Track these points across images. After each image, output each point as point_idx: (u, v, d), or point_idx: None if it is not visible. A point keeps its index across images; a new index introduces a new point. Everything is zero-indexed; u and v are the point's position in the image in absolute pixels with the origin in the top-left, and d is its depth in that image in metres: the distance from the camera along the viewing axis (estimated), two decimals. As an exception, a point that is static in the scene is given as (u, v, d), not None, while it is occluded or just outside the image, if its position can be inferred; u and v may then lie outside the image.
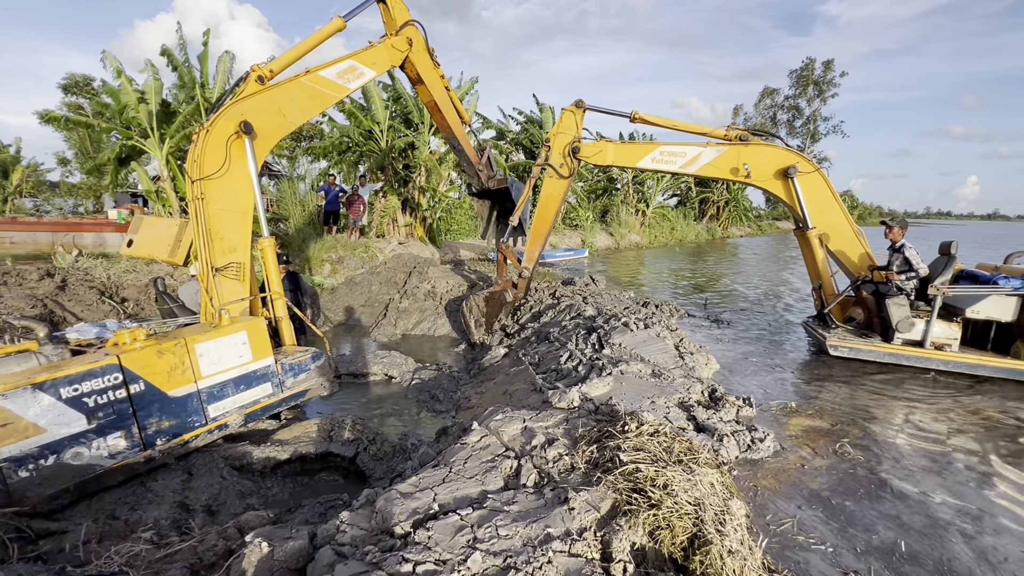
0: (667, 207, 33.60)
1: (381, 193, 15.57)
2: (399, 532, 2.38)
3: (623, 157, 7.36)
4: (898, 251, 6.21)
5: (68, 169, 22.31)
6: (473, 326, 7.95)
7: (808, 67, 48.37)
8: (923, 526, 3.20)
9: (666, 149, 7.10)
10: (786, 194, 6.91)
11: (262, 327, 4.46)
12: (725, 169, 6.97)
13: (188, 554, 2.65)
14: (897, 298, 6.02)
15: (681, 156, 7.06)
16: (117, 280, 9.16)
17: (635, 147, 7.40)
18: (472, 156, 7.81)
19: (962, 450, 4.25)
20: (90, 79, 19.52)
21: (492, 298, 7.91)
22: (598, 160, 7.32)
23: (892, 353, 6.08)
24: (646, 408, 4.10)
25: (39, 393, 3.07)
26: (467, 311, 7.97)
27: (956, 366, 5.91)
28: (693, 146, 7.06)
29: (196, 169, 4.36)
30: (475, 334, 7.97)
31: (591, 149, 7.27)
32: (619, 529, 2.38)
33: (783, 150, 6.91)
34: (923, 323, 5.97)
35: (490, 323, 7.99)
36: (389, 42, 5.84)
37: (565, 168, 7.40)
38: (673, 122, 7.39)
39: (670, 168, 7.18)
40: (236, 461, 3.99)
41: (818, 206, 6.84)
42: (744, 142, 6.91)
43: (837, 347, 6.26)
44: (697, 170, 7.11)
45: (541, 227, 7.73)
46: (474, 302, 7.97)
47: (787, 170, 6.70)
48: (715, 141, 7.10)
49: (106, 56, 10.78)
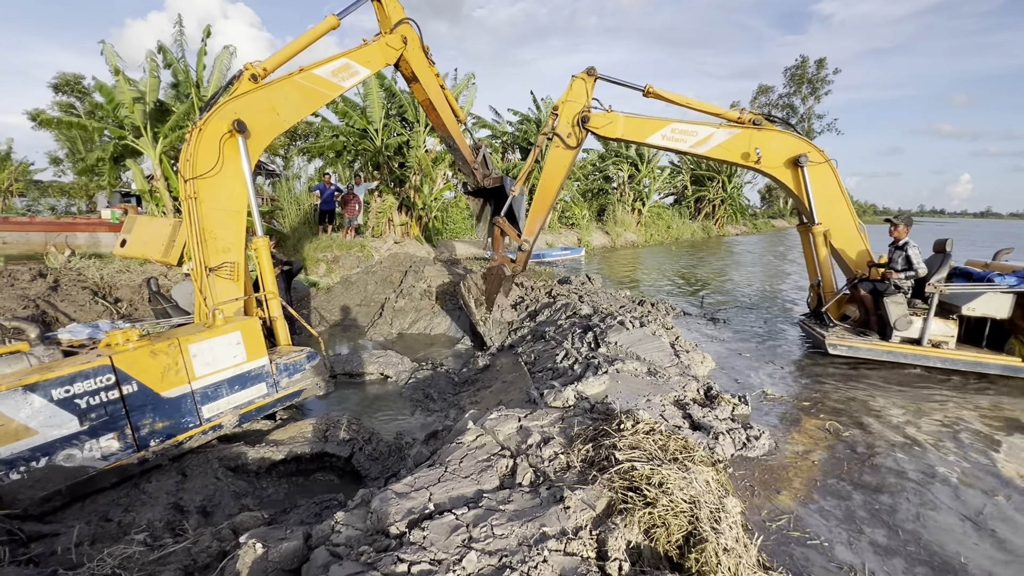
0: (663, 206, 33.66)
1: (377, 192, 15.53)
2: (394, 532, 2.37)
3: (633, 131, 7.03)
4: (900, 248, 6.19)
5: (60, 169, 22.15)
6: (473, 306, 7.62)
7: (802, 65, 48.59)
8: (919, 522, 3.22)
9: (678, 127, 6.87)
10: (794, 184, 6.81)
11: (256, 327, 4.44)
12: (736, 152, 6.81)
13: (182, 556, 2.63)
14: (895, 296, 6.03)
15: (692, 135, 6.85)
16: (110, 280, 9.09)
17: (646, 122, 7.02)
18: (468, 154, 7.77)
19: (958, 445, 4.28)
20: (81, 78, 19.37)
21: (490, 274, 7.54)
22: (607, 132, 7.00)
23: (890, 351, 6.10)
24: (642, 406, 4.11)
25: (30, 395, 3.04)
26: (465, 291, 7.65)
27: (954, 363, 5.94)
28: (706, 126, 6.87)
29: (189, 168, 4.33)
30: (476, 313, 7.61)
31: (601, 120, 6.93)
32: (615, 528, 2.38)
33: (795, 137, 6.81)
34: (920, 321, 5.99)
35: (490, 300, 7.64)
36: (383, 40, 5.81)
37: (573, 138, 7.02)
38: (687, 100, 7.11)
39: (680, 147, 6.98)
40: (231, 462, 3.97)
41: (824, 199, 6.76)
42: (757, 126, 6.75)
43: (836, 345, 6.26)
44: (707, 151, 6.91)
45: (544, 198, 7.34)
46: (472, 281, 7.65)
47: (798, 158, 6.60)
48: (727, 123, 6.93)
49: (105, 50, 10.57)
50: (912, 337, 6.06)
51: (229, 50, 11.65)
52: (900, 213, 6.73)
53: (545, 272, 12.17)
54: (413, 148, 14.56)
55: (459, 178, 15.38)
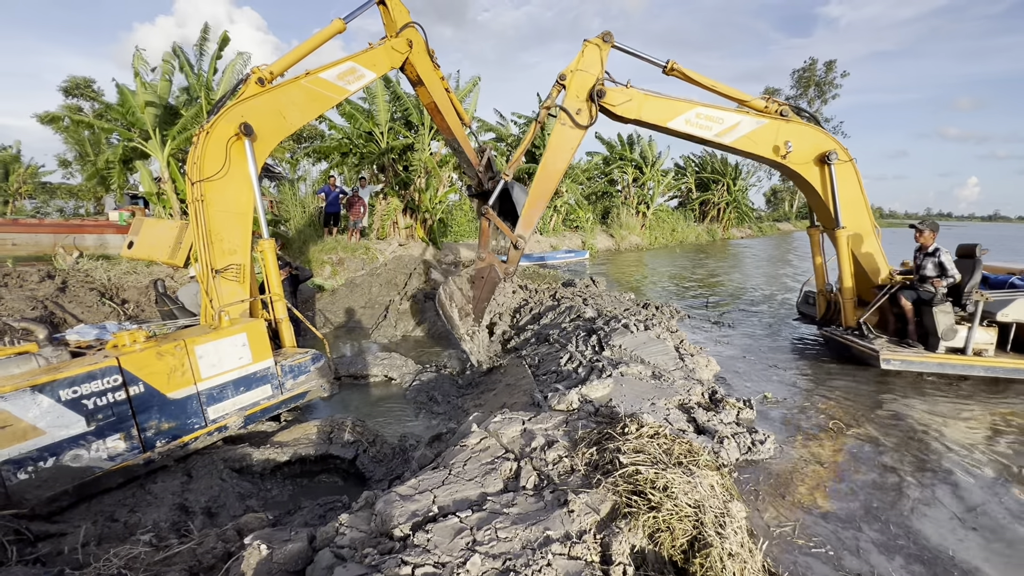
0: (667, 209, 33.60)
1: (381, 195, 15.58)
2: (398, 534, 2.37)
3: (654, 112, 6.05)
4: (931, 255, 5.94)
5: (69, 171, 22.36)
6: (457, 318, 6.18)
7: (811, 67, 48.43)
8: (927, 528, 3.19)
9: (703, 111, 6.07)
10: (820, 183, 6.35)
11: (262, 329, 4.46)
12: (763, 144, 6.19)
13: (187, 556, 2.64)
14: (943, 305, 5.73)
15: (718, 122, 6.10)
16: (118, 282, 9.17)
17: (670, 103, 6.08)
18: (472, 158, 7.78)
19: (970, 450, 4.24)
20: (91, 81, 19.57)
21: (479, 277, 6.25)
22: (624, 111, 5.97)
23: (941, 363, 5.77)
24: (646, 410, 4.10)
25: (39, 395, 3.07)
26: (446, 298, 6.22)
27: (1006, 372, 5.73)
28: (732, 113, 6.15)
29: (196, 171, 4.37)
30: (461, 328, 6.14)
31: (619, 96, 5.89)
32: (619, 532, 2.37)
33: (824, 133, 6.33)
34: (965, 330, 5.72)
35: (479, 310, 6.43)
36: (389, 44, 5.84)
37: (583, 115, 5.92)
38: (712, 82, 6.28)
39: (704, 134, 6.16)
40: (236, 463, 3.98)
41: (847, 201, 6.36)
42: (784, 118, 6.19)
43: (890, 360, 5.78)
44: (733, 141, 6.18)
45: (545, 185, 6.20)
46: (454, 286, 6.31)
47: (827, 156, 6.14)
48: (754, 112, 6.29)
49: (135, 57, 10.68)
50: (957, 346, 5.78)
51: (243, 57, 11.77)
52: (925, 218, 6.37)
53: (549, 275, 12.17)
54: (418, 151, 14.61)
55: (464, 180, 15.42)
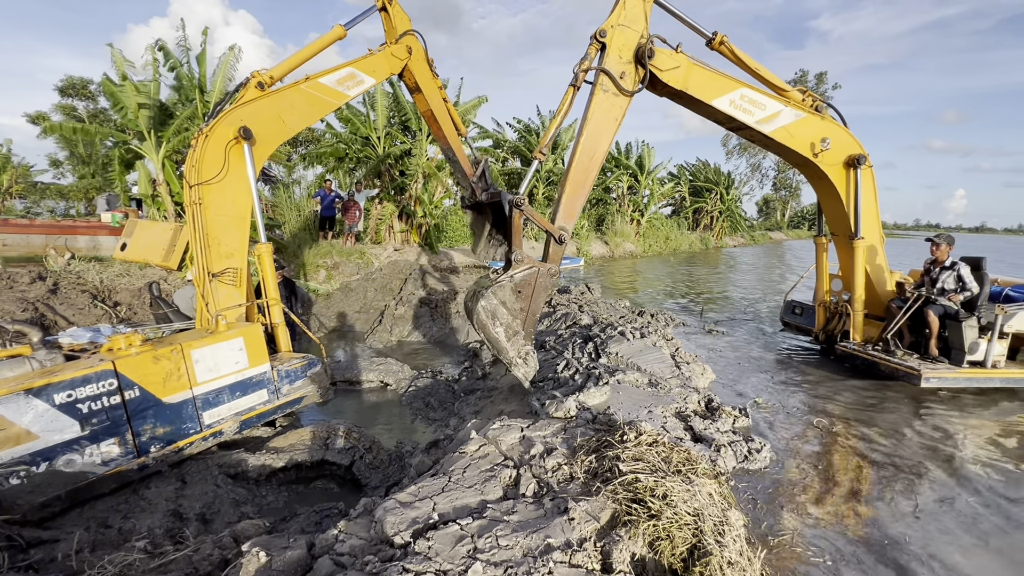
0: (661, 217, 33.83)
1: (377, 199, 15.57)
2: (399, 542, 2.37)
3: (702, 86, 5.38)
4: (949, 268, 5.93)
5: (60, 171, 22.16)
6: (505, 339, 4.58)
7: (801, 79, 49.12)
8: (924, 536, 3.22)
9: (747, 94, 5.60)
10: (845, 187, 6.12)
11: (258, 333, 4.44)
12: (800, 139, 5.85)
13: (183, 564, 2.61)
14: (970, 320, 5.73)
15: (761, 108, 5.70)
16: (110, 284, 9.08)
17: (719, 78, 5.47)
18: (467, 167, 7.76)
19: (972, 457, 4.28)
20: (88, 82, 19.44)
21: (527, 284, 4.82)
22: (671, 78, 5.21)
23: (970, 378, 5.74)
24: (643, 418, 4.11)
25: (33, 399, 3.03)
26: (487, 320, 4.49)
27: (1019, 382, 5.78)
28: (775, 100, 5.75)
29: (194, 174, 4.35)
30: (510, 351, 4.63)
31: (668, 60, 5.11)
32: (619, 539, 2.38)
33: (852, 136, 6.07)
34: (984, 343, 5.74)
35: (533, 323, 5.00)
36: (389, 50, 5.87)
37: (628, 79, 4.98)
38: (756, 65, 5.80)
39: (745, 119, 5.69)
40: (231, 469, 3.95)
41: (863, 209, 6.20)
42: (819, 114, 5.91)
43: (931, 379, 5.62)
44: (771, 131, 5.79)
45: (586, 166, 5.05)
46: (498, 299, 4.57)
47: (856, 159, 5.94)
48: (793, 103, 5.88)
49: (113, 54, 10.51)
50: (978, 360, 5.77)
51: (234, 51, 11.61)
52: (941, 232, 6.28)
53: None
54: (415, 156, 14.63)
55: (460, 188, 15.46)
